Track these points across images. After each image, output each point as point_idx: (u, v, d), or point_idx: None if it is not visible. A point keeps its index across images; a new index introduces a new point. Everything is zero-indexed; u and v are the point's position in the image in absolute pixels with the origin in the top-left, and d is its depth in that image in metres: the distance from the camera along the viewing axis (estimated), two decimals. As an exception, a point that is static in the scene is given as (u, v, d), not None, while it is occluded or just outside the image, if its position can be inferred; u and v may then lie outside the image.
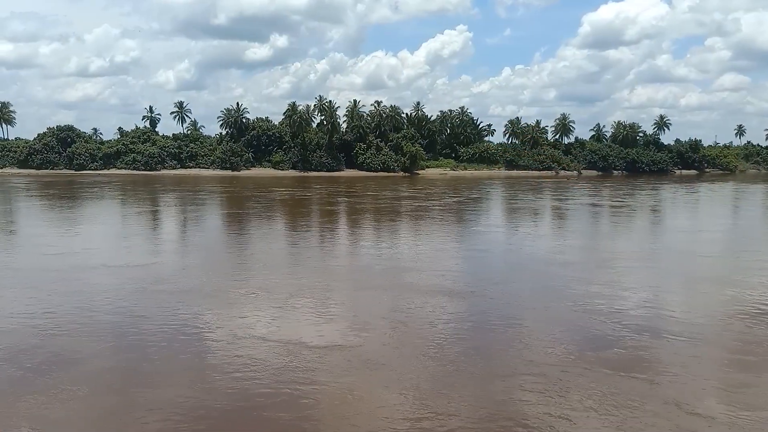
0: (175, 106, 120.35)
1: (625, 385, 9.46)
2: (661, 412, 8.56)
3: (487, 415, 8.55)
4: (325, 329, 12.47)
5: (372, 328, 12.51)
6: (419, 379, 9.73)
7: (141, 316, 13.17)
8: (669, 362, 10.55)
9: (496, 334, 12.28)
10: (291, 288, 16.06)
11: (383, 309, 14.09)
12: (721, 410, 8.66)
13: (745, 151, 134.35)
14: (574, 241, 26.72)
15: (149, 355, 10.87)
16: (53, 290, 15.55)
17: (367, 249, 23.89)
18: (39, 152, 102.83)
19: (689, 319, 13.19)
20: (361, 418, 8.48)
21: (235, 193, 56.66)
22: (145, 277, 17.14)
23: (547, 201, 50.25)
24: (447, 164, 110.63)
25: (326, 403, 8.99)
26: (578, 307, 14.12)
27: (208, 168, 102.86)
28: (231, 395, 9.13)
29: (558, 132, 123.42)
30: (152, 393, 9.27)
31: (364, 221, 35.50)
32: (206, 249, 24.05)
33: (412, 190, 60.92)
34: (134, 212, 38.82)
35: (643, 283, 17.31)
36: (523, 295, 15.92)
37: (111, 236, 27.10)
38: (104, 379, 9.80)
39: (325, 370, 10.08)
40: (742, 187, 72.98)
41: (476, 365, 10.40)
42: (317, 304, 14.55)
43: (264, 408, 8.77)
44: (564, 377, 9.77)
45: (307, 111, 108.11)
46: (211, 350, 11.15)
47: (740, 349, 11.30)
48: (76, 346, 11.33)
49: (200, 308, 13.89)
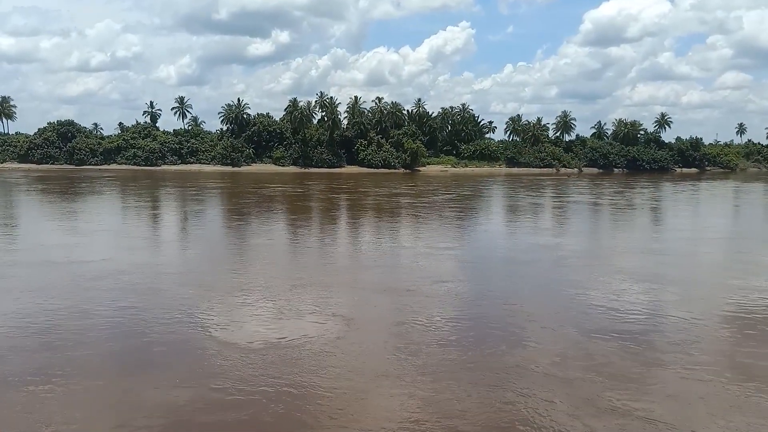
0: (176, 102, 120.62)
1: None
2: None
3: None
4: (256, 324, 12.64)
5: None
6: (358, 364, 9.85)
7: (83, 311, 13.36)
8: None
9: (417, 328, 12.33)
10: (232, 285, 16.18)
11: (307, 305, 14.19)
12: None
13: (746, 150, 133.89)
14: (544, 238, 26.41)
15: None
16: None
17: (329, 247, 23.98)
18: (39, 147, 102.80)
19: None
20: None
21: (227, 189, 56.84)
22: (84, 273, 17.23)
23: (536, 199, 49.94)
24: (448, 161, 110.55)
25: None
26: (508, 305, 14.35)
27: (208, 164, 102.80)
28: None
29: (559, 129, 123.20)
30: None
31: (339, 219, 35.53)
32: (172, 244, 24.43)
33: (407, 187, 60.80)
34: (119, 208, 39.14)
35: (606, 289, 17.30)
36: (460, 292, 15.86)
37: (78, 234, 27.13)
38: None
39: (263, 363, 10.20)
40: (734, 186, 72.85)
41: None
42: (252, 300, 14.69)
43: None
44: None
45: (308, 107, 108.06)
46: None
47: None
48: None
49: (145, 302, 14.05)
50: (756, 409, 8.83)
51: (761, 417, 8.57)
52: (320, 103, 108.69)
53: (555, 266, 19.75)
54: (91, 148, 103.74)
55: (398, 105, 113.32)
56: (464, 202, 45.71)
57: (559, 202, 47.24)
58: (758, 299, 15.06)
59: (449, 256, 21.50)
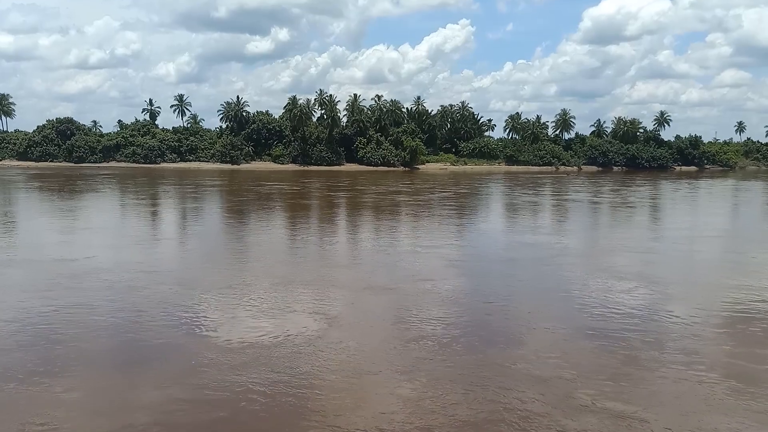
0: (175, 99, 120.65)
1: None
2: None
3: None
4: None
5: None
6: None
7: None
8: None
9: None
10: (212, 281, 16.24)
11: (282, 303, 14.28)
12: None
13: (745, 148, 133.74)
14: (533, 237, 26.39)
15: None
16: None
17: (311, 245, 24.03)
18: (38, 145, 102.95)
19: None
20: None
21: (223, 188, 56.78)
22: (63, 272, 17.34)
23: (531, 197, 49.77)
24: (447, 159, 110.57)
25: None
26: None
27: (208, 161, 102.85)
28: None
29: (558, 127, 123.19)
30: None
31: (327, 217, 35.52)
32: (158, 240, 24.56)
33: (403, 185, 60.66)
34: (110, 206, 39.30)
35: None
36: (441, 290, 15.79)
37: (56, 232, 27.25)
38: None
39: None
40: (733, 185, 72.88)
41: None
42: (231, 298, 14.77)
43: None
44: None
45: (307, 105, 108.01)
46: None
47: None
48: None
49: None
50: (736, 408, 8.91)
51: (741, 416, 8.67)
52: (319, 100, 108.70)
53: (539, 264, 19.70)
54: (90, 145, 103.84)
55: (397, 103, 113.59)
56: (458, 201, 45.58)
57: (551, 200, 47.10)
58: (751, 299, 15.05)
59: (434, 255, 21.28)
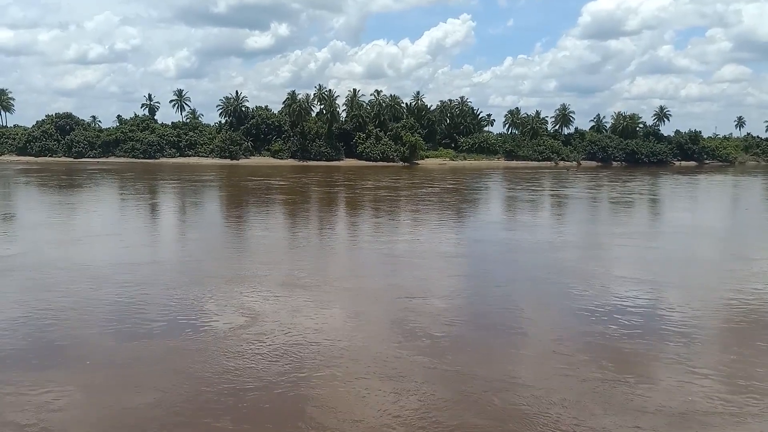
0: (174, 95, 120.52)
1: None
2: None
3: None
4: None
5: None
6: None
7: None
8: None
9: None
10: (188, 278, 16.24)
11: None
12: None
13: (744, 143, 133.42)
14: (499, 234, 26.37)
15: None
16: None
17: (289, 240, 24.10)
18: (37, 140, 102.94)
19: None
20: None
21: (218, 183, 56.87)
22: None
23: (519, 193, 49.73)
24: (446, 154, 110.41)
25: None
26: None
27: (207, 157, 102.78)
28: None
29: (558, 123, 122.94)
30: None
31: (311, 211, 35.44)
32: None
33: (398, 180, 60.53)
34: (100, 201, 39.41)
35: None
36: (406, 287, 15.74)
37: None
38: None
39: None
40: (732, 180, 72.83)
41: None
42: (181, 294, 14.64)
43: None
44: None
45: (306, 100, 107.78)
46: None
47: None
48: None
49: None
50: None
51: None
52: (319, 96, 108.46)
53: (512, 261, 19.69)
54: (90, 140, 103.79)
55: (397, 98, 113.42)
56: (450, 196, 45.53)
57: (543, 196, 47.17)
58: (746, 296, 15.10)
59: (404, 251, 21.12)
